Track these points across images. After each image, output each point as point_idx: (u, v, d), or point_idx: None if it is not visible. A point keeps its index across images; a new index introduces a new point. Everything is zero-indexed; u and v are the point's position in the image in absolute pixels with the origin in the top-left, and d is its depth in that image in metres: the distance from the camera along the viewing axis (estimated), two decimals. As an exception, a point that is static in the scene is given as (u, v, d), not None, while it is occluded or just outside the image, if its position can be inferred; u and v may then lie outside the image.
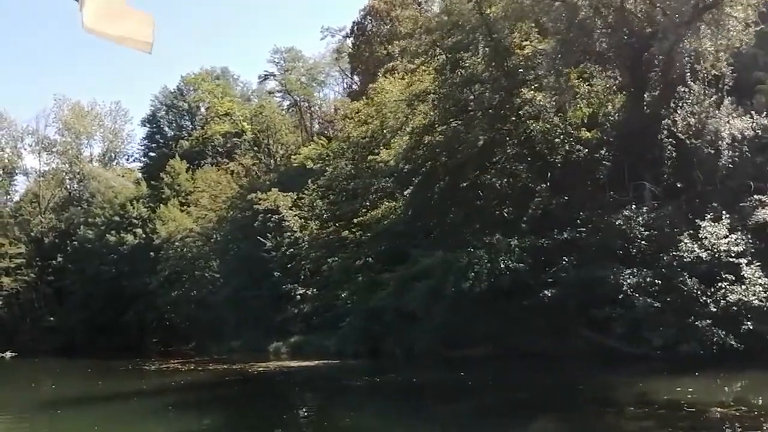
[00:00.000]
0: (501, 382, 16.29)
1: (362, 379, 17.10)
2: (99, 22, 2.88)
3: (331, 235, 33.52)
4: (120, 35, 2.94)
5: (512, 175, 21.58)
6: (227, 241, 41.33)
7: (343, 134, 33.38)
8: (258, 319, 37.86)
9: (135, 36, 2.97)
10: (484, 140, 21.12)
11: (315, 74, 63.91)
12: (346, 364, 22.93)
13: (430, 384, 16.35)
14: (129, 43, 2.96)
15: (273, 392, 16.19)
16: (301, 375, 20.63)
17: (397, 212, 24.59)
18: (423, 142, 21.53)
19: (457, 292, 19.46)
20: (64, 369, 32.12)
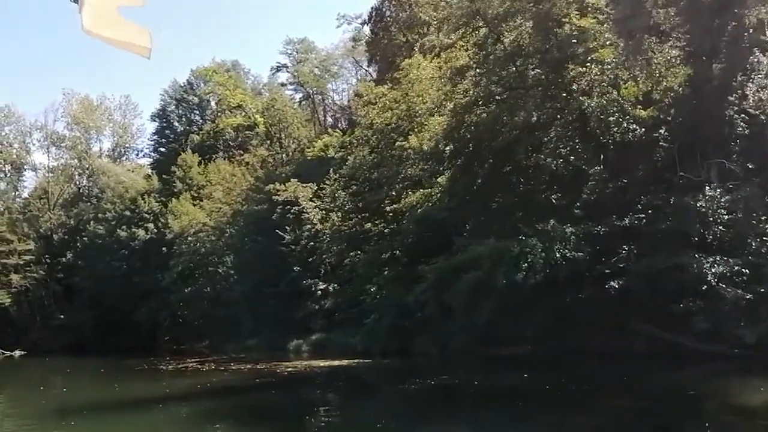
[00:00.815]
0: (584, 384, 13.90)
1: (414, 381, 15.00)
2: (97, 25, 2.82)
3: (355, 227, 31.50)
4: (118, 39, 2.89)
5: (563, 158, 19.49)
6: (243, 235, 39.37)
7: (365, 121, 31.30)
8: (276, 316, 35.90)
9: (134, 40, 2.90)
10: (531, 119, 19.04)
11: (328, 66, 61.92)
12: (379, 364, 20.97)
13: (507, 389, 13.76)
14: (128, 47, 2.90)
15: (315, 398, 14.10)
16: (336, 377, 18.49)
17: (434, 199, 22.55)
18: (464, 121, 19.49)
19: (508, 285, 17.40)
20: (74, 369, 30.19)
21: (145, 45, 2.97)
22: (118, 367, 27.76)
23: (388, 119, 30.27)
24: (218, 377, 18.43)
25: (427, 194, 22.72)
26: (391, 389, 13.75)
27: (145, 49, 3.00)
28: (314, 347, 31.22)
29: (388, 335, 25.56)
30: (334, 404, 12.59)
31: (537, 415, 10.54)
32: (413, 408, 11.98)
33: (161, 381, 19.14)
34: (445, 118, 22.74)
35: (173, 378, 19.74)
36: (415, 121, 29.13)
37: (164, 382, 18.45)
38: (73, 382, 20.98)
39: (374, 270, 29.30)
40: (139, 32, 2.98)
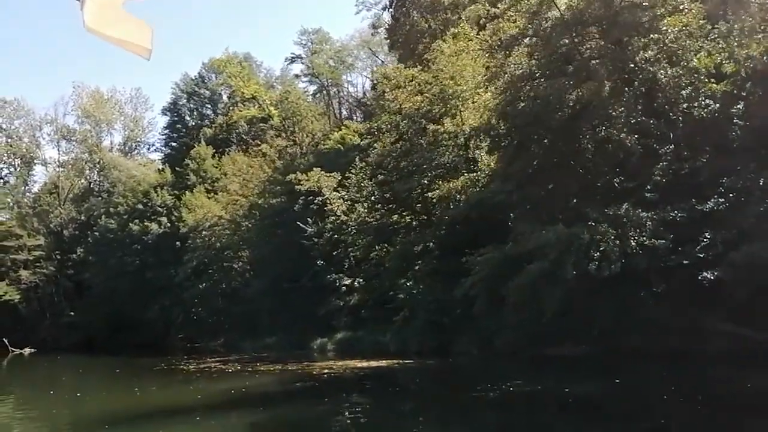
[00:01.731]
0: (687, 390, 11.57)
1: (487, 387, 12.69)
2: (99, 23, 2.74)
3: (382, 218, 29.33)
4: (120, 38, 2.80)
5: (629, 135, 17.22)
6: (262, 228, 37.24)
7: (394, 106, 29.09)
8: (297, 312, 33.77)
9: (135, 40, 2.81)
10: (595, 93, 16.81)
11: (343, 57, 59.75)
12: (423, 366, 18.79)
13: (612, 398, 11.27)
14: (128, 47, 2.83)
15: (382, 408, 11.82)
16: (387, 380, 15.93)
17: (480, 184, 20.34)
18: (519, 96, 17.32)
19: (574, 277, 15.20)
20: (86, 368, 28.15)
21: (146, 45, 2.85)
22: (133, 367, 25.70)
23: (418, 103, 28.13)
24: (251, 380, 16.30)
25: (473, 179, 20.53)
26: (468, 397, 11.55)
27: (146, 50, 2.89)
28: (340, 346, 29.08)
29: (424, 333, 23.41)
30: (413, 416, 10.36)
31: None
32: (523, 424, 9.61)
33: (186, 384, 16.96)
34: (491, 95, 20.51)
35: (199, 380, 17.59)
36: (449, 104, 26.98)
37: (190, 386, 16.27)
38: (86, 385, 18.83)
39: (405, 264, 27.13)
40: (140, 29, 2.84)
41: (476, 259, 18.36)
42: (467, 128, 26.37)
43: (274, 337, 35.65)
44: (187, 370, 21.19)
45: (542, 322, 19.42)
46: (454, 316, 22.95)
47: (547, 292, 15.76)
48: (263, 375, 17.61)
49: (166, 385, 16.87)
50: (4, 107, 60.43)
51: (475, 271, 18.33)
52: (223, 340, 42.21)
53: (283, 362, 21.20)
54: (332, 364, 19.89)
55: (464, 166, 26.24)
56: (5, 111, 60.58)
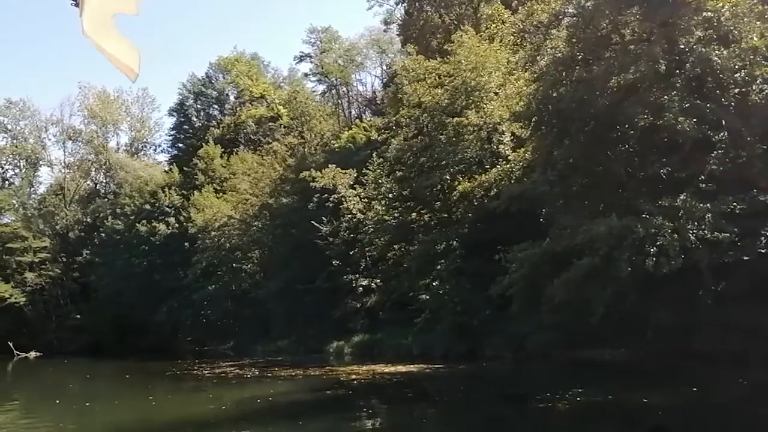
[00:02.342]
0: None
1: (547, 397, 11.17)
2: (95, 33, 2.74)
3: (401, 216, 27.95)
4: (112, 53, 2.79)
5: (679, 121, 15.82)
6: (274, 228, 35.90)
7: (413, 99, 27.72)
8: (311, 315, 32.41)
9: (124, 59, 2.81)
10: (641, 77, 15.44)
11: (352, 56, 58.51)
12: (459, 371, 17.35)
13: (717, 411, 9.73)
14: (118, 64, 2.83)
15: (423, 418, 10.43)
16: (420, 386, 14.32)
17: (513, 178, 18.92)
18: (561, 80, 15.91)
19: (629, 274, 13.77)
20: (94, 373, 26.74)
21: (134, 66, 2.87)
22: (142, 372, 24.32)
23: (438, 96, 26.79)
24: (274, 387, 14.79)
25: (506, 171, 19.14)
26: (533, 409, 10.15)
27: (133, 73, 2.91)
28: (358, 349, 27.65)
29: (451, 336, 22.00)
30: None
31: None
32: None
33: (204, 391, 15.51)
34: (525, 81, 19.14)
35: (217, 387, 16.14)
36: (472, 96, 25.63)
37: (209, 393, 14.83)
38: (95, 392, 17.37)
39: (427, 264, 25.73)
40: (130, 51, 2.86)
41: (514, 256, 16.90)
42: (491, 120, 25.12)
43: (287, 340, 34.27)
44: (201, 376, 19.75)
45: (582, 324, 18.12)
46: (482, 318, 21.56)
47: (596, 291, 14.32)
48: (286, 381, 16.16)
49: (181, 393, 15.45)
50: (10, 108, 59.26)
51: (513, 268, 16.90)
52: (232, 343, 40.86)
53: (303, 367, 19.78)
54: (357, 369, 18.45)
55: (489, 160, 24.90)
56: (10, 112, 59.42)
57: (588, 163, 15.77)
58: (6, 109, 59.07)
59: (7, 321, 50.84)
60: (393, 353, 24.52)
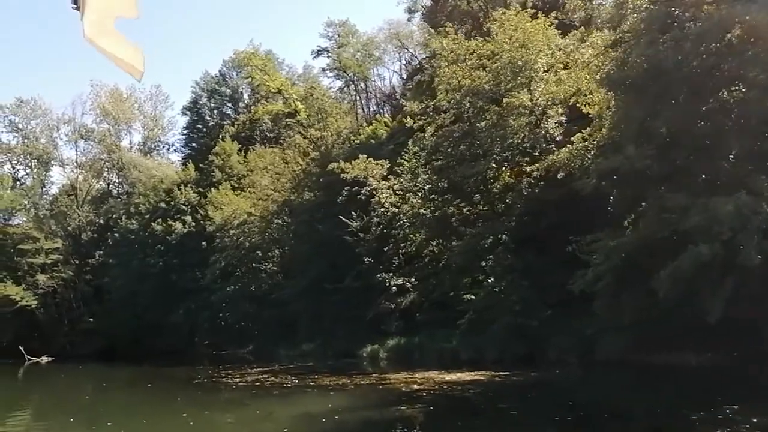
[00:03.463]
0: None
1: (704, 417, 8.76)
2: (97, 36, 2.67)
3: (440, 209, 25.50)
4: (115, 55, 2.73)
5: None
6: (298, 225, 33.51)
7: (453, 82, 25.31)
8: (339, 316, 29.95)
9: (128, 59, 2.75)
10: (752, 32, 12.98)
11: (370, 50, 56.22)
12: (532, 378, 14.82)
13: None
14: (122, 65, 2.78)
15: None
16: (503, 398, 11.60)
17: (586, 156, 16.35)
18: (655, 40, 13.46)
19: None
20: (111, 381, 24.39)
21: (139, 66, 2.80)
22: (164, 379, 21.95)
23: (480, 79, 24.39)
24: (330, 401, 12.24)
25: (579, 150, 16.64)
26: None
27: (139, 72, 2.84)
28: (395, 354, 25.19)
29: (506, 339, 19.49)
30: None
31: None
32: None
33: (248, 406, 12.89)
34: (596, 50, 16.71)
35: (260, 400, 13.58)
36: (521, 75, 23.22)
37: (255, 409, 12.26)
38: (116, 406, 14.77)
39: (472, 260, 23.31)
40: (134, 52, 2.78)
41: (600, 245, 14.41)
42: (542, 102, 22.74)
43: (312, 343, 31.82)
44: (233, 385, 17.27)
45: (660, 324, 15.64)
46: (543, 318, 19.07)
47: (711, 285, 11.82)
48: (337, 392, 13.68)
49: (220, 408, 12.97)
50: (21, 107, 57.29)
51: (599, 260, 14.41)
52: (251, 347, 38.50)
53: (345, 374, 17.30)
54: (410, 376, 15.93)
55: (541, 145, 22.48)
56: (21, 111, 57.44)
57: (691, 135, 13.27)
58: (17, 108, 57.12)
59: (19, 324, 48.78)
60: (436, 358, 22.09)
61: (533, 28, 23.00)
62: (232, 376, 19.58)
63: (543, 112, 23.27)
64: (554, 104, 22.99)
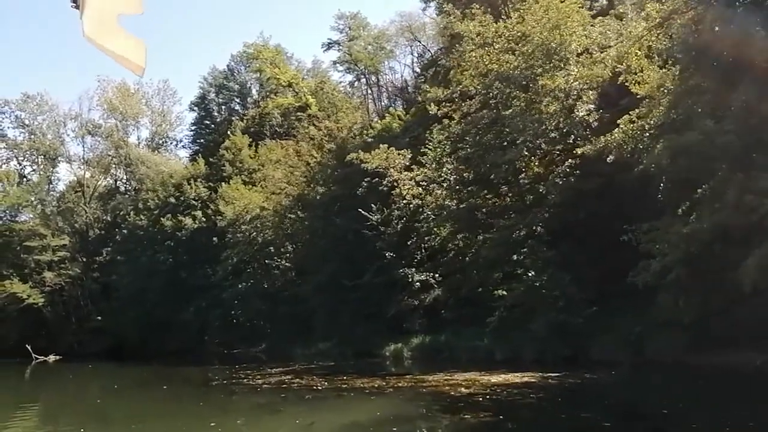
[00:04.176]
0: None
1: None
2: (97, 33, 2.62)
3: (467, 200, 24.02)
4: (115, 52, 2.66)
5: None
6: (314, 219, 32.07)
7: (480, 67, 23.81)
8: (358, 314, 28.45)
9: (129, 56, 2.70)
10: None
11: (382, 43, 54.77)
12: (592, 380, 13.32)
13: None
14: (123, 62, 2.72)
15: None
16: (581, 405, 10.09)
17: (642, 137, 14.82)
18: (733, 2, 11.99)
19: None
20: (122, 382, 22.97)
21: (140, 62, 2.72)
22: (179, 380, 20.55)
23: (510, 63, 22.90)
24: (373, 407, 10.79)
25: (635, 130, 15.07)
26: None
27: (139, 68, 2.77)
28: (420, 353, 23.71)
29: (548, 337, 17.99)
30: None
31: None
32: None
33: (283, 412, 11.15)
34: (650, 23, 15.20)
35: (295, 406, 11.90)
36: (555, 57, 21.73)
37: (294, 417, 10.51)
38: (133, 413, 12.96)
39: (504, 253, 21.81)
40: (136, 46, 2.70)
41: (665, 233, 12.91)
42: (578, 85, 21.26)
43: (329, 342, 30.37)
44: (257, 387, 15.68)
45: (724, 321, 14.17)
46: (588, 315, 17.57)
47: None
48: (378, 396, 12.16)
49: (252, 414, 11.42)
50: (27, 102, 56.12)
51: (665, 250, 12.91)
52: (264, 345, 37.10)
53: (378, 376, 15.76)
54: (450, 378, 14.44)
55: (578, 130, 21.01)
56: (28, 106, 56.27)
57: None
58: (23, 103, 55.97)
59: (26, 323, 47.60)
60: (468, 357, 20.59)
61: (567, 7, 21.55)
62: (252, 377, 18.11)
63: (578, 97, 21.83)
64: (590, 88, 21.59)
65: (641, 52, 16.05)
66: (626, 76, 16.26)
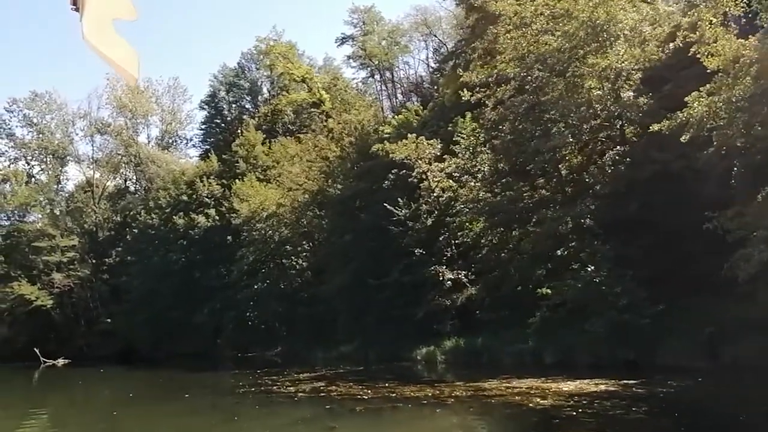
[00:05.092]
0: None
1: None
2: (95, 37, 2.55)
3: (506, 191, 22.18)
4: (111, 58, 2.61)
5: None
6: (334, 216, 30.32)
7: (519, 49, 21.99)
8: (384, 315, 26.62)
9: (124, 64, 2.66)
10: None
11: (396, 38, 53.11)
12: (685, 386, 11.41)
13: None
14: (118, 69, 2.68)
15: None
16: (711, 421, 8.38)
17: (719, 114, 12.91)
18: None
19: None
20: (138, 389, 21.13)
21: (133, 71, 2.69)
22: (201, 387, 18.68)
23: (550, 44, 21.10)
24: (449, 422, 9.10)
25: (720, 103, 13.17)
26: None
27: (133, 78, 2.76)
28: (454, 357, 21.87)
29: (607, 339, 16.10)
30: None
31: None
32: None
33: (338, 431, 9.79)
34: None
35: (349, 420, 9.82)
36: (603, 35, 19.92)
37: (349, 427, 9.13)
38: (157, 428, 11.63)
39: (547, 249, 20.00)
40: (129, 55, 2.67)
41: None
42: (628, 65, 19.48)
43: (350, 345, 28.60)
44: (291, 395, 13.70)
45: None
46: (652, 315, 15.68)
47: None
48: (443, 408, 10.24)
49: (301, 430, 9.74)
50: (35, 101, 54.68)
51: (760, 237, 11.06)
52: (280, 348, 35.34)
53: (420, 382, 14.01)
54: (511, 385, 12.54)
55: (630, 113, 19.23)
56: (36, 105, 54.82)
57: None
58: (31, 102, 54.52)
59: (34, 325, 46.08)
60: (512, 361, 18.76)
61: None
62: (281, 384, 16.26)
63: (627, 78, 20.03)
64: (639, 69, 19.81)
65: (716, 20, 14.24)
66: (699, 47, 14.42)
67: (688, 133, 13.72)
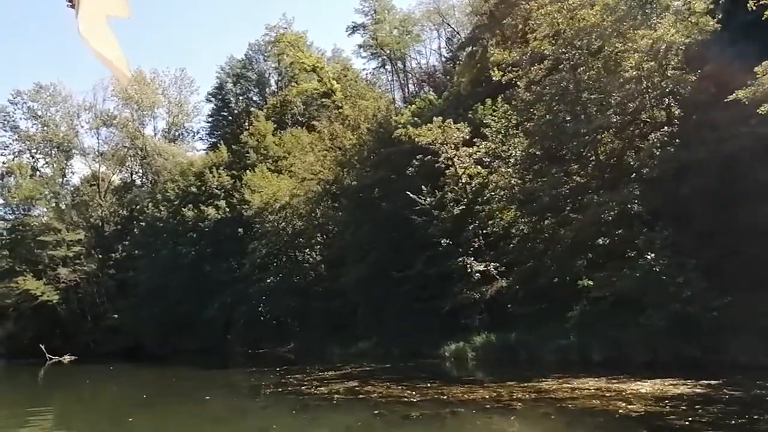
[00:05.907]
0: None
1: None
2: (90, 34, 2.59)
3: (541, 177, 20.57)
4: (104, 56, 2.64)
5: None
6: (353, 205, 28.73)
7: (551, 27, 20.37)
8: (406, 308, 25.08)
9: (116, 63, 2.70)
10: None
11: (408, 27, 51.49)
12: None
13: None
14: (111, 67, 2.71)
15: None
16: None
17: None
18: None
19: None
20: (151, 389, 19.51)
21: (125, 71, 2.74)
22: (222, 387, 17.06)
23: (586, 20, 19.47)
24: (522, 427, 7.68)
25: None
26: None
27: (125, 78, 2.82)
28: (486, 353, 20.28)
29: (668, 335, 14.50)
30: None
31: None
32: None
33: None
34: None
35: (405, 429, 8.77)
36: (647, 7, 18.30)
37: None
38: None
39: (590, 238, 18.39)
40: (120, 57, 2.69)
41: None
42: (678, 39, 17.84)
43: (369, 341, 27.05)
44: (326, 397, 12.05)
45: None
46: (719, 308, 14.08)
47: None
48: (516, 415, 8.72)
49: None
50: (40, 93, 53.23)
51: None
52: (292, 345, 33.82)
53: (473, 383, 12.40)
54: (573, 386, 11.02)
55: (681, 88, 17.61)
56: (41, 97, 53.37)
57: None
58: (36, 93, 53.07)
59: (39, 321, 44.72)
60: (555, 359, 17.21)
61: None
62: (309, 384, 14.69)
63: (676, 53, 18.39)
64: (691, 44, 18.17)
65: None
66: None
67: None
